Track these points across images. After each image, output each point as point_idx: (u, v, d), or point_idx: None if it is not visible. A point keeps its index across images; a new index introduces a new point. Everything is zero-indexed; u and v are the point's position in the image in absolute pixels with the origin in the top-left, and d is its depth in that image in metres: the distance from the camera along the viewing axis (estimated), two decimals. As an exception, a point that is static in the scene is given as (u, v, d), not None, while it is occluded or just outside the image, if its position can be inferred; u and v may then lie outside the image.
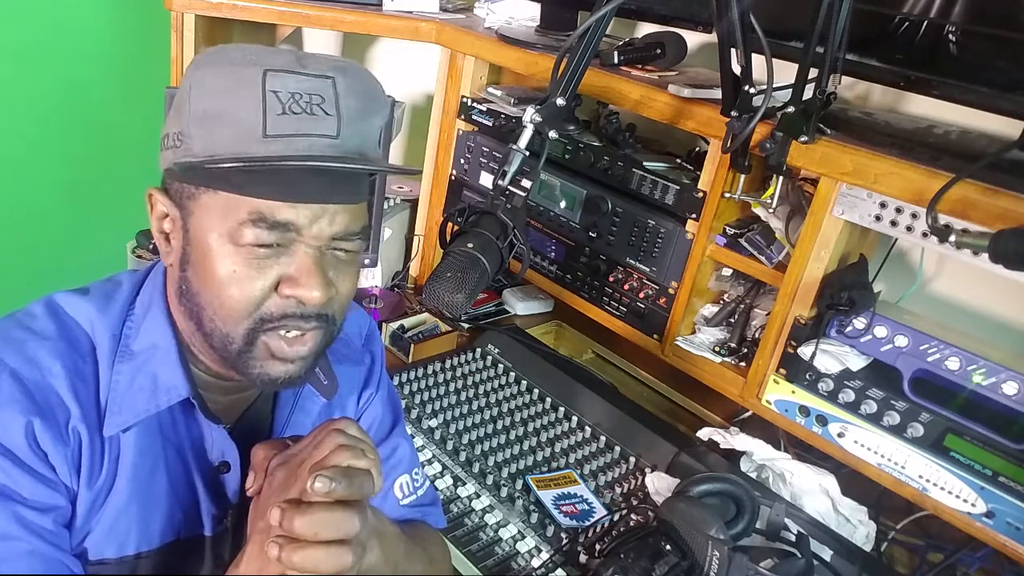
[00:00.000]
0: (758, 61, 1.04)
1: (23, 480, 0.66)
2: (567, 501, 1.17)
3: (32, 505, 0.67)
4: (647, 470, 1.25)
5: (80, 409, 0.70)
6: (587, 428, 1.35)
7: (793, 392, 1.19)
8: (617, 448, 1.31)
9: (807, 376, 1.17)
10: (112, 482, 0.72)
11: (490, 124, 1.57)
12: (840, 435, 1.14)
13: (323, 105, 0.67)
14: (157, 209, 0.73)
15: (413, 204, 1.83)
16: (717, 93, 1.16)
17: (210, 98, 0.67)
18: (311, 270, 0.68)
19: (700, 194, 1.27)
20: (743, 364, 1.29)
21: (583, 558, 1.07)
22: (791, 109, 1.06)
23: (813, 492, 1.18)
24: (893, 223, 1.06)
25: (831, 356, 1.14)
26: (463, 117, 1.63)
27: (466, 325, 1.65)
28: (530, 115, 1.03)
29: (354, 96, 0.69)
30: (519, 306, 1.71)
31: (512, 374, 1.47)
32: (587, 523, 1.13)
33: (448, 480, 1.20)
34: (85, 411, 0.70)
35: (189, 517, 0.78)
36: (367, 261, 1.66)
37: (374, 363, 0.95)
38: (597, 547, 1.07)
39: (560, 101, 1.04)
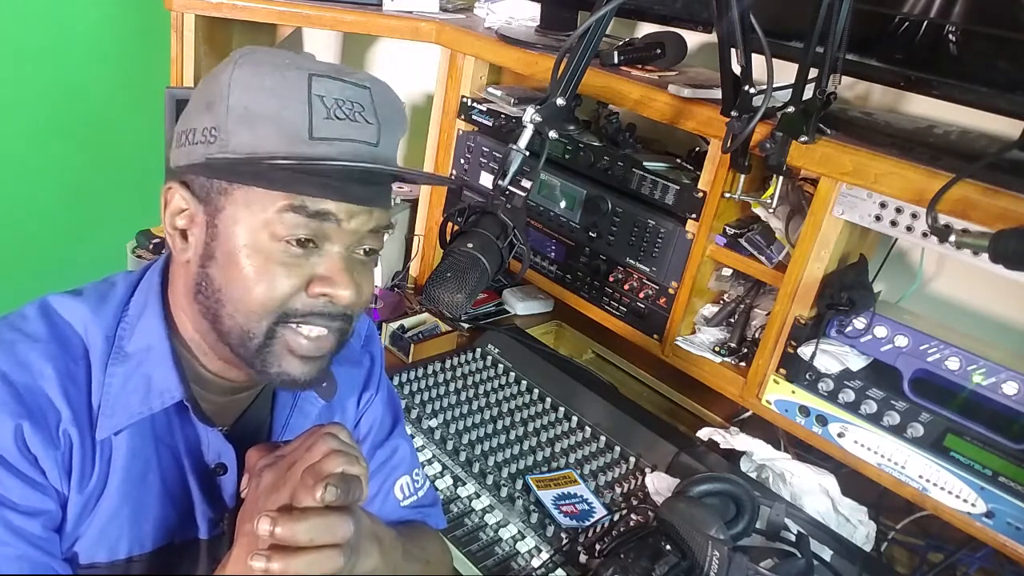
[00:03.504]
0: (758, 61, 1.04)
1: (12, 484, 0.66)
2: (567, 501, 1.17)
3: (21, 510, 0.66)
4: (647, 470, 1.25)
5: (71, 412, 0.69)
6: (587, 428, 1.35)
7: (793, 392, 1.19)
8: (617, 448, 1.31)
9: (807, 376, 1.17)
10: (103, 485, 0.71)
11: (490, 124, 1.57)
12: (840, 435, 1.14)
13: (363, 113, 0.69)
14: (174, 204, 0.71)
15: (413, 204, 1.83)
16: (717, 93, 1.16)
17: (254, 96, 0.67)
18: (343, 269, 0.70)
19: (700, 194, 1.27)
20: (743, 364, 1.29)
21: (583, 558, 1.07)
22: (791, 109, 1.06)
23: (813, 492, 1.18)
24: (893, 223, 1.06)
25: (831, 356, 1.14)
26: (463, 117, 1.63)
27: (466, 325, 1.64)
28: (530, 115, 1.03)
29: (386, 107, 0.72)
30: (519, 306, 1.71)
31: (512, 374, 1.47)
32: (587, 523, 1.13)
33: (448, 480, 1.20)
34: (76, 414, 0.69)
35: (183, 520, 0.77)
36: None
37: (373, 364, 0.95)
38: (597, 547, 1.07)
39: (560, 101, 1.04)
